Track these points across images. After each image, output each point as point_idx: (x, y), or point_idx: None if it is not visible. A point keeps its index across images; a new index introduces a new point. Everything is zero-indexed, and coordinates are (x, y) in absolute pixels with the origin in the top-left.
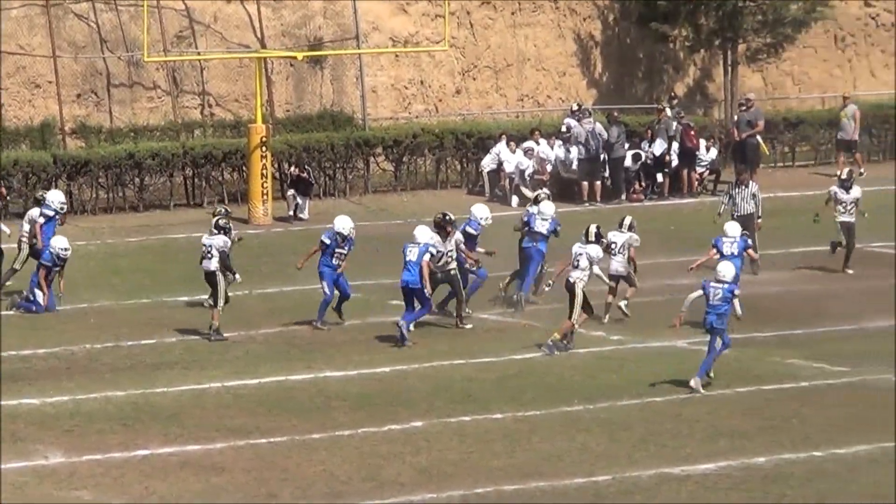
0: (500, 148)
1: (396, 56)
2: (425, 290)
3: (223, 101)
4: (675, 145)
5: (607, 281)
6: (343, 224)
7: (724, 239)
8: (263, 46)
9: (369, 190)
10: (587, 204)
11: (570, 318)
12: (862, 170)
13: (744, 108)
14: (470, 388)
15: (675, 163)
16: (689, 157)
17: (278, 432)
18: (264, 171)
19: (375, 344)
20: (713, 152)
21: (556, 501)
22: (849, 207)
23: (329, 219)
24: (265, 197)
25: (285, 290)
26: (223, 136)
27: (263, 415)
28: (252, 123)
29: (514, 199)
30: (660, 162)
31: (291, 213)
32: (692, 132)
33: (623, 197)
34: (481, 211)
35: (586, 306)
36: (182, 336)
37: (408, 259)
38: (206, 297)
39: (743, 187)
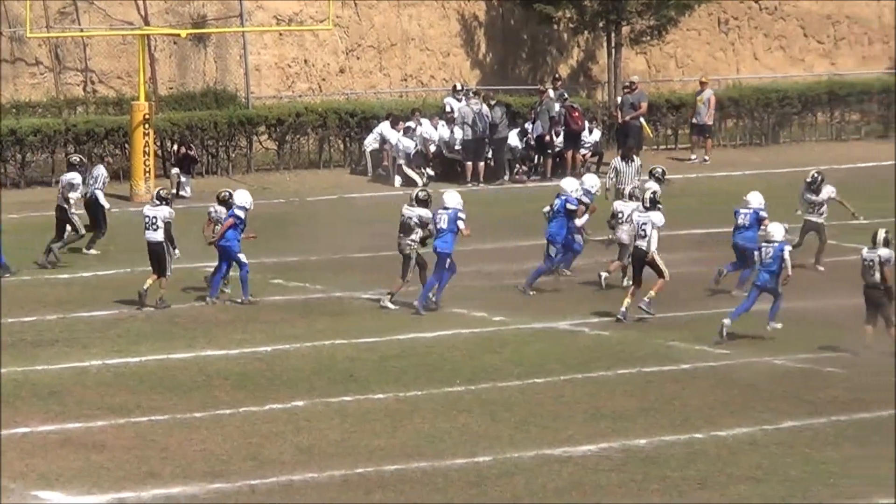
0: (383, 128)
1: (280, 35)
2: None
3: (106, 78)
4: (560, 126)
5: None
6: (245, 198)
7: (741, 210)
8: (147, 23)
9: (252, 168)
10: (470, 184)
11: (661, 277)
12: (707, 157)
13: (627, 90)
14: (352, 367)
15: (558, 144)
16: (573, 138)
17: (159, 411)
18: (147, 149)
19: (257, 323)
20: (596, 134)
21: (437, 482)
22: (818, 208)
23: (211, 197)
24: (147, 175)
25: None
26: (106, 113)
27: (145, 393)
28: (135, 101)
29: (397, 179)
30: (541, 143)
31: (174, 190)
32: (577, 114)
33: (506, 178)
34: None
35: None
36: (63, 313)
37: (439, 226)
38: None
39: (628, 161)
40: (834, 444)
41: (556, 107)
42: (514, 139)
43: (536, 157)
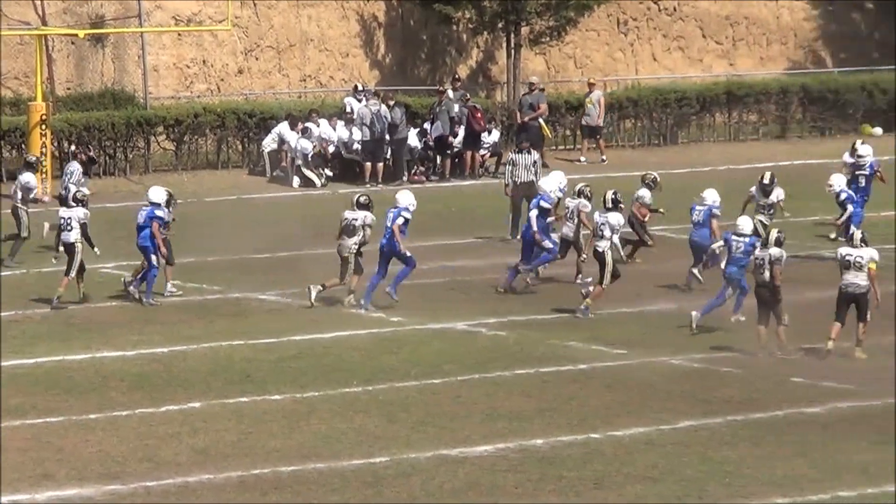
0: (282, 128)
1: (179, 35)
2: (403, 252)
3: (3, 79)
4: (461, 127)
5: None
6: (160, 195)
7: (697, 207)
8: (44, 23)
9: (150, 169)
10: (369, 185)
11: (600, 283)
12: (603, 157)
13: (527, 91)
14: (249, 368)
15: (457, 144)
16: (474, 139)
17: (55, 412)
18: (44, 150)
19: (154, 324)
20: (495, 135)
21: (334, 482)
22: (769, 211)
23: (109, 198)
24: (44, 175)
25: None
26: (2, 113)
27: (40, 394)
28: (32, 101)
29: (296, 180)
30: (441, 143)
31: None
32: (480, 114)
33: (405, 178)
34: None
35: (615, 273)
36: None
37: (386, 224)
38: None
39: (525, 154)
40: (730, 443)
41: (456, 107)
42: (413, 140)
43: (436, 157)
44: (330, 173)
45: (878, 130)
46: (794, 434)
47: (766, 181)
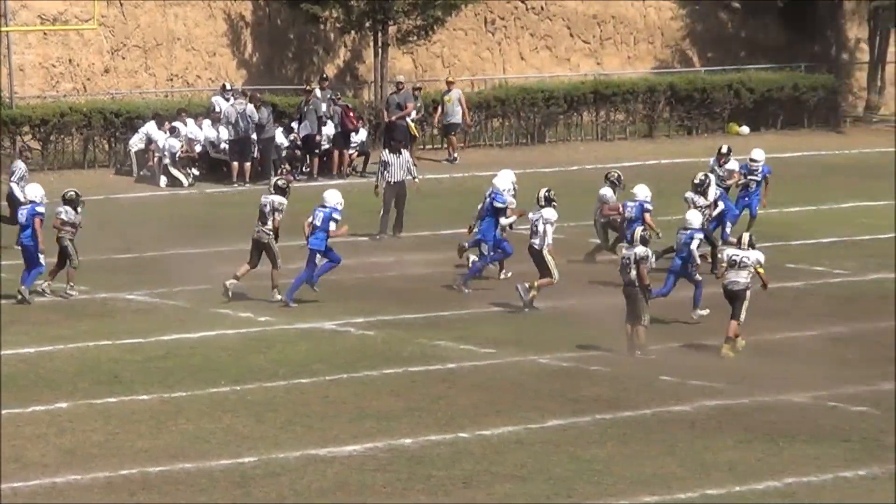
0: (149, 128)
1: (45, 34)
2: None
3: None
4: (332, 126)
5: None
6: (38, 192)
7: (629, 203)
8: None
9: None
10: (237, 184)
11: (550, 276)
12: (455, 154)
13: (394, 90)
14: (116, 369)
15: (325, 144)
16: (344, 138)
17: None
18: None
19: (21, 324)
20: (363, 134)
21: (202, 483)
22: (705, 212)
23: None
24: None
25: None
26: None
27: None
28: None
29: (163, 180)
30: (309, 142)
31: None
32: (353, 114)
33: (272, 177)
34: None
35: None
36: None
37: (314, 223)
38: None
39: (397, 154)
40: (598, 442)
41: (324, 106)
42: (280, 139)
43: (304, 156)
44: (197, 172)
45: (745, 129)
46: (662, 432)
47: (698, 182)
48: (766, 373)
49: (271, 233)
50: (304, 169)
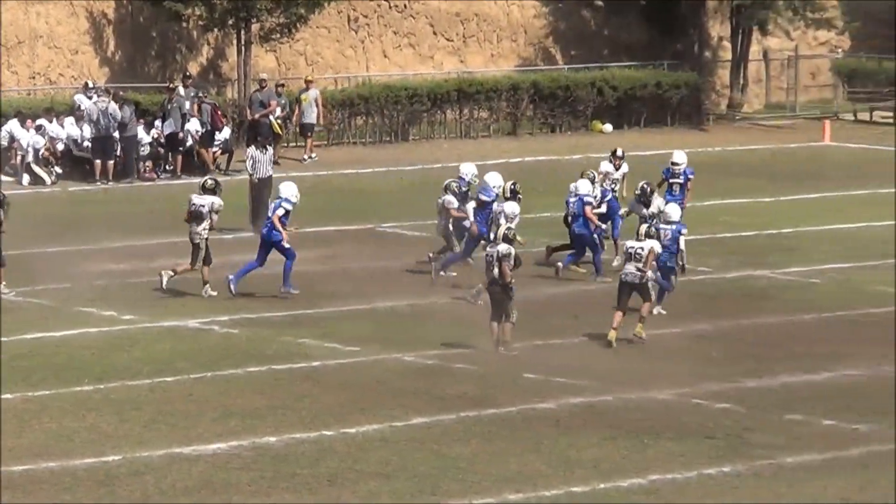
0: (12, 126)
1: None
2: (284, 243)
3: None
4: (196, 123)
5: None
6: None
7: (570, 199)
8: None
9: None
10: (99, 182)
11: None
12: (314, 154)
13: (257, 88)
14: None
15: (189, 142)
16: (209, 136)
17: None
18: None
19: None
20: (226, 132)
21: (66, 481)
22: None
23: None
24: None
25: None
26: None
27: None
28: None
29: (26, 178)
30: (173, 140)
31: None
32: (219, 112)
33: (135, 175)
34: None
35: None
36: None
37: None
38: None
39: (263, 151)
40: (462, 440)
41: (187, 104)
42: (143, 136)
43: (166, 154)
44: (60, 171)
45: (608, 127)
46: (526, 430)
47: (640, 192)
48: (630, 370)
49: (206, 232)
50: (166, 167)
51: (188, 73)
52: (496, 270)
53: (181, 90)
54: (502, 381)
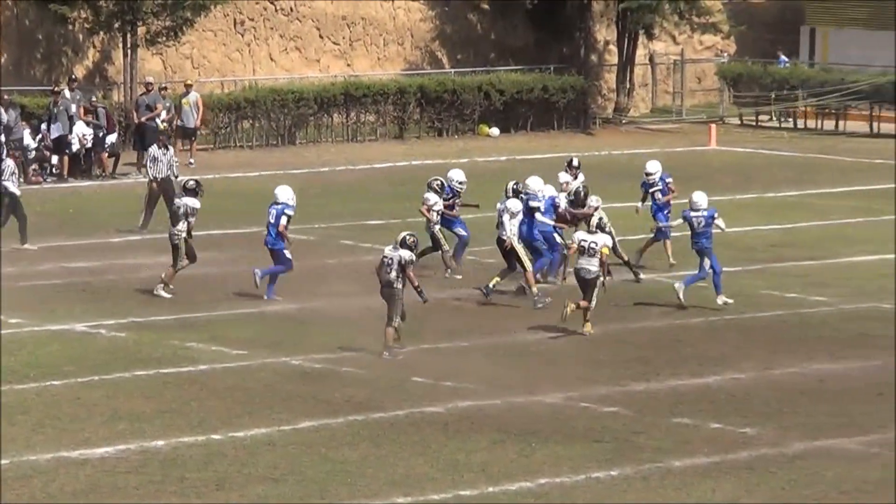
0: None
1: None
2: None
3: None
4: (82, 126)
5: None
6: None
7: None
8: None
9: None
10: None
11: (524, 269)
12: (192, 160)
13: (143, 91)
14: None
15: (76, 145)
16: (100, 140)
17: None
18: None
19: None
20: (113, 136)
21: None
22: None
23: None
24: None
25: None
26: None
27: None
28: None
29: None
30: (59, 143)
31: None
32: (109, 116)
33: (22, 179)
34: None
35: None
36: None
37: (269, 221)
38: None
39: (165, 150)
40: (351, 443)
41: (73, 107)
42: (28, 140)
43: (50, 157)
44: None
45: (495, 131)
46: (414, 434)
47: (573, 197)
48: (518, 374)
49: (182, 233)
50: (53, 170)
51: (73, 77)
52: (393, 274)
53: (67, 93)
54: (390, 384)
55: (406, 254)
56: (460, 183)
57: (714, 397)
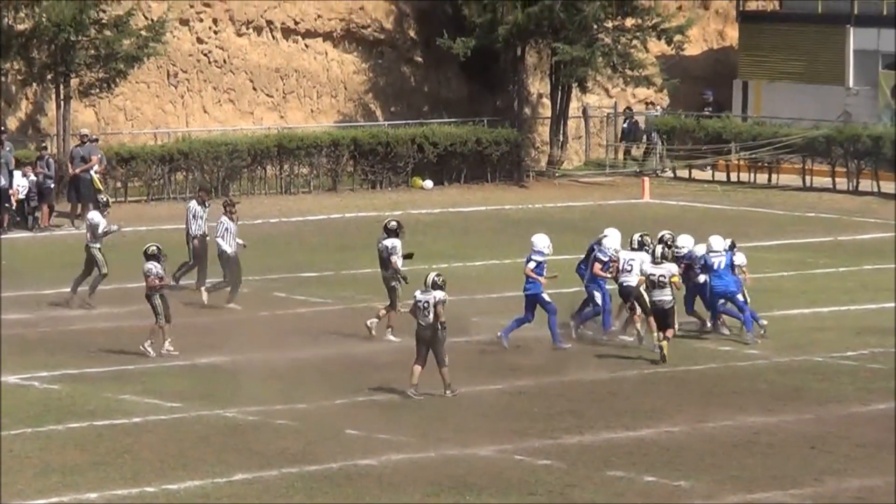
0: None
1: None
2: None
3: None
4: (18, 178)
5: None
6: None
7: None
8: None
9: None
10: None
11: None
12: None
13: (78, 143)
14: None
15: (21, 196)
16: (50, 190)
17: None
18: None
19: None
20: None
21: None
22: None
23: None
24: None
25: None
26: None
27: None
28: None
29: None
30: (1, 196)
31: None
32: (59, 166)
33: None
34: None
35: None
36: None
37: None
38: None
39: (203, 207)
40: (285, 496)
41: (12, 159)
42: None
43: None
44: None
45: (429, 184)
46: (349, 486)
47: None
48: (452, 426)
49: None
50: None
51: (3, 128)
52: (431, 316)
53: (8, 145)
54: (324, 437)
55: (439, 294)
56: (548, 247)
57: (648, 450)
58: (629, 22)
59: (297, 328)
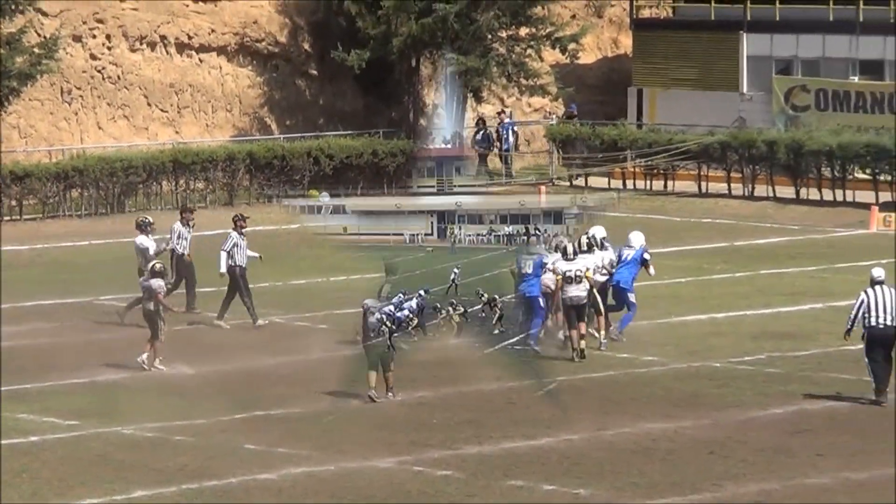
0: None
1: None
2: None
3: None
4: None
5: None
6: None
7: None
8: None
9: None
10: None
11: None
12: None
13: None
14: None
15: None
16: None
17: None
18: None
19: None
20: None
21: None
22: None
23: None
24: None
25: None
26: None
27: None
28: None
29: None
30: None
31: None
32: None
33: None
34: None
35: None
36: None
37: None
38: None
39: (188, 228)
40: None
41: None
42: None
43: None
44: None
45: (326, 196)
46: (247, 501)
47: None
48: (351, 439)
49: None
50: None
51: None
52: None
53: None
54: (222, 452)
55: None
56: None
57: (547, 459)
58: (523, 31)
59: (194, 342)
